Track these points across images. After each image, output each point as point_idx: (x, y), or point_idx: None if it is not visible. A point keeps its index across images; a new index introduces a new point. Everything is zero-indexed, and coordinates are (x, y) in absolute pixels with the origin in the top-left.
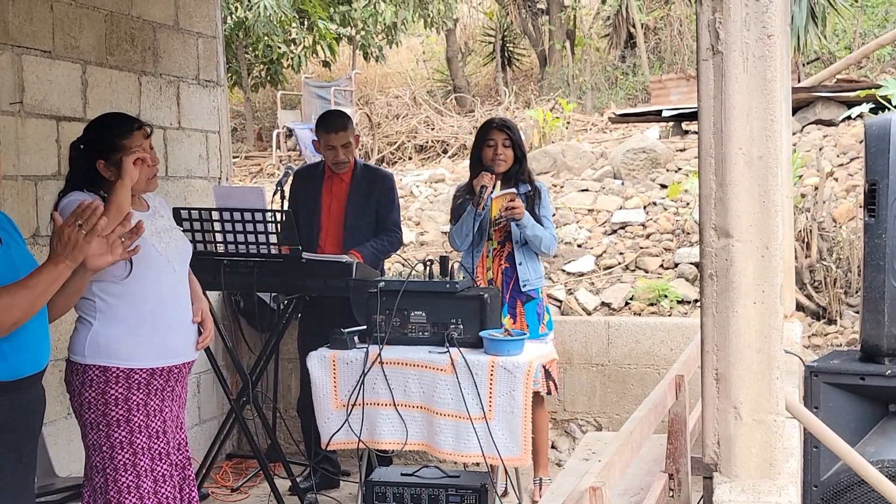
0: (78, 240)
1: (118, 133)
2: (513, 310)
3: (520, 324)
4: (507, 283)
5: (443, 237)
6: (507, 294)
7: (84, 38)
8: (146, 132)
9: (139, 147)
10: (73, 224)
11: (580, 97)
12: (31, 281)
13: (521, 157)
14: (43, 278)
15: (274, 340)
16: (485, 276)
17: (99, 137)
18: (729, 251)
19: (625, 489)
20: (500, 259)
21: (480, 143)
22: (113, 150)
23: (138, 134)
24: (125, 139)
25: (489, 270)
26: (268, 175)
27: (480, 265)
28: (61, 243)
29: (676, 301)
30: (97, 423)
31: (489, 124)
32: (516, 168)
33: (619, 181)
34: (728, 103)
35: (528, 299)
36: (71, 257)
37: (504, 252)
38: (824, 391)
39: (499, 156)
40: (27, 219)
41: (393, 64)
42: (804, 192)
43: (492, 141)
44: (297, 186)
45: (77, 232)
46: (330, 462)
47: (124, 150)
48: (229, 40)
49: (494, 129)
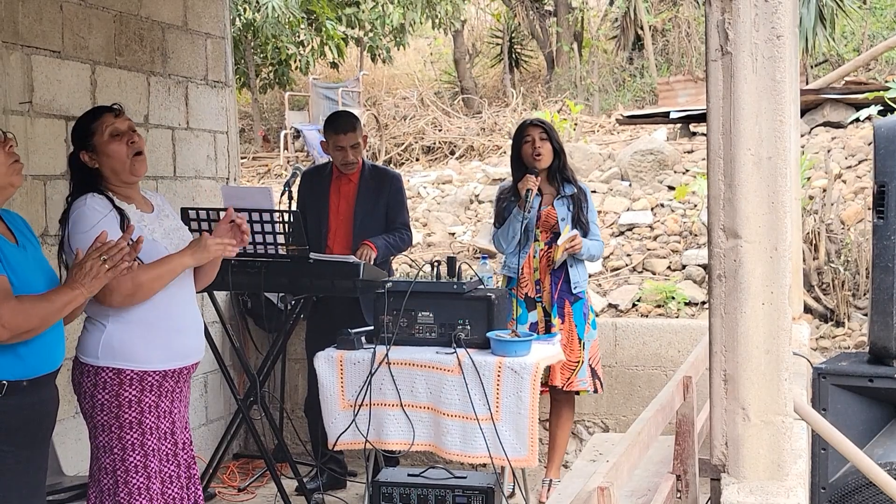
0: (100, 272)
1: (88, 119)
2: (561, 310)
3: (568, 324)
4: (555, 284)
5: (450, 238)
6: (556, 294)
7: (93, 38)
8: (116, 112)
9: (110, 125)
10: (97, 258)
11: (588, 99)
12: (51, 297)
13: (559, 150)
14: (60, 298)
15: (281, 341)
16: (532, 276)
17: (76, 131)
18: (737, 252)
19: (632, 490)
20: (548, 260)
21: (518, 143)
22: (88, 136)
23: (107, 115)
24: (94, 122)
25: (536, 271)
26: (275, 176)
27: (527, 266)
28: (82, 272)
29: (684, 303)
30: (109, 424)
31: (524, 123)
32: (556, 163)
33: (627, 183)
34: (737, 104)
35: (576, 300)
36: (88, 287)
37: (552, 253)
38: (832, 393)
39: (537, 148)
40: (36, 218)
41: (400, 65)
42: (812, 194)
43: (528, 136)
44: (304, 187)
45: (100, 266)
46: (337, 462)
47: (96, 132)
48: (237, 41)
49: (530, 126)
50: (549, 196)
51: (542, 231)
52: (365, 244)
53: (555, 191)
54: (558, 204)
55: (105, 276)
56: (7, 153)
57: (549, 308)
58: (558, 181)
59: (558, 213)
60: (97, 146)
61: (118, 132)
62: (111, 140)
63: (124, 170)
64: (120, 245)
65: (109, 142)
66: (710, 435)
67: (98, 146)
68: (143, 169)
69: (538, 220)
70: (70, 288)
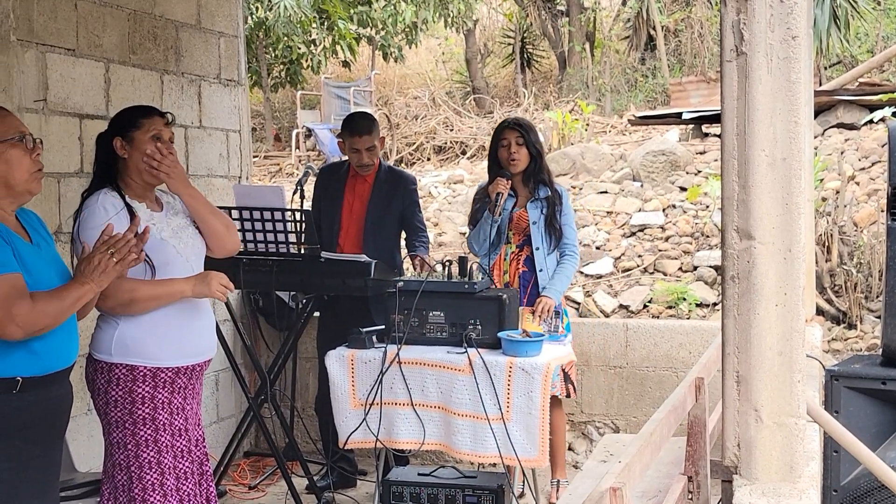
0: (108, 267)
1: (139, 111)
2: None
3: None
4: (524, 287)
5: (461, 238)
6: (526, 297)
7: (107, 36)
8: (167, 119)
9: (157, 129)
10: (105, 252)
11: (599, 99)
12: (63, 293)
13: (535, 155)
14: (70, 294)
15: (292, 339)
16: (501, 279)
17: (120, 116)
18: (751, 253)
19: (643, 491)
20: (518, 262)
21: (495, 144)
22: (130, 127)
23: (158, 119)
24: (144, 118)
25: (506, 273)
26: (287, 175)
27: (497, 268)
28: (90, 267)
29: (695, 304)
30: (123, 421)
31: (502, 124)
32: (532, 167)
33: (639, 183)
34: (752, 105)
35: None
36: (97, 282)
37: (522, 255)
38: (845, 395)
39: (512, 153)
40: (50, 216)
41: (412, 65)
42: (825, 195)
43: (505, 140)
44: (320, 184)
45: (108, 259)
46: (347, 461)
47: (141, 127)
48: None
49: (507, 129)
50: (523, 198)
51: (515, 233)
52: (417, 257)
53: (529, 193)
54: (531, 207)
55: (113, 269)
56: (33, 161)
57: None
58: (533, 183)
59: (530, 217)
60: (135, 140)
61: (160, 137)
62: (151, 142)
63: (149, 180)
64: (126, 238)
65: (149, 142)
66: (722, 436)
67: (136, 141)
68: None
69: (510, 221)
70: (79, 283)
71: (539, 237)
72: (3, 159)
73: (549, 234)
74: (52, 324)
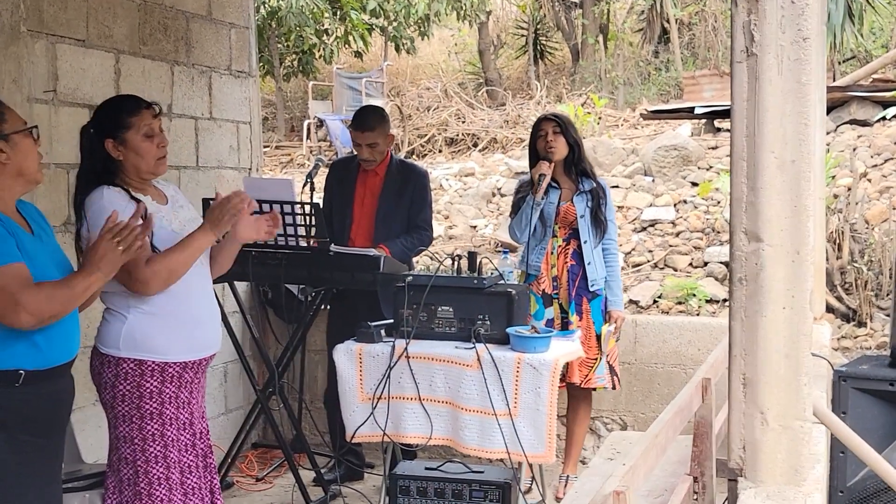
0: (113, 255)
1: (126, 110)
2: (579, 307)
3: (586, 321)
4: (572, 280)
5: (472, 231)
6: (574, 291)
7: (118, 27)
8: (154, 111)
9: (147, 125)
10: (110, 240)
11: (612, 92)
12: (71, 282)
13: (573, 144)
14: (79, 283)
15: (301, 332)
16: (549, 273)
17: (107, 116)
18: (759, 255)
19: (649, 490)
20: (566, 256)
21: (534, 138)
22: (121, 128)
23: (146, 112)
24: (133, 116)
25: (553, 267)
26: (298, 165)
27: (545, 262)
28: (96, 256)
29: (705, 300)
30: (130, 415)
31: (540, 118)
32: (572, 157)
33: (650, 178)
34: (761, 106)
35: (594, 296)
36: (104, 270)
37: (570, 249)
38: (853, 396)
39: (550, 143)
40: (59, 206)
41: (424, 56)
42: (837, 192)
43: (542, 131)
44: (332, 178)
45: (114, 248)
46: (355, 454)
47: (132, 127)
48: (261, 30)
49: (544, 121)
50: (568, 191)
51: (561, 227)
52: (380, 247)
53: (573, 186)
54: (577, 200)
55: (119, 257)
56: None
57: (565, 305)
58: (575, 175)
59: (577, 210)
60: (128, 141)
61: (152, 133)
62: (144, 140)
63: (147, 169)
64: (131, 225)
65: (142, 141)
66: (727, 438)
67: (130, 142)
68: (164, 169)
69: (557, 215)
70: (87, 273)
71: (587, 230)
72: (19, 149)
73: (595, 226)
74: (62, 311)
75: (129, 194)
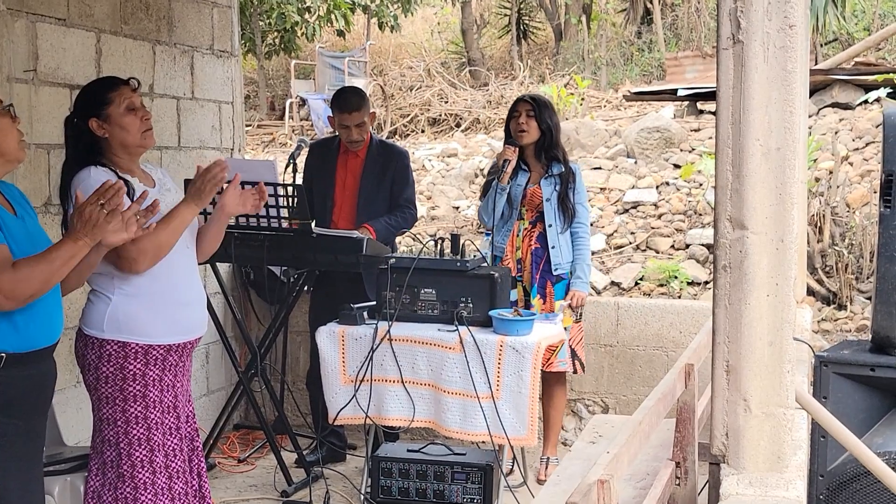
0: (99, 218)
1: (104, 87)
2: (542, 290)
3: (549, 304)
4: (536, 264)
5: (454, 212)
6: (538, 274)
7: (99, 6)
8: (133, 85)
9: (128, 99)
10: (95, 203)
11: (595, 73)
12: (51, 255)
13: (546, 130)
14: (62, 254)
15: (283, 313)
16: (513, 255)
17: (87, 98)
18: (743, 243)
19: (631, 474)
20: (531, 239)
21: (510, 118)
22: (102, 104)
23: (125, 87)
24: (112, 92)
25: (518, 250)
26: (280, 145)
27: (509, 244)
28: (81, 221)
29: (687, 282)
30: (113, 397)
31: (518, 99)
32: (543, 141)
33: (633, 160)
34: (747, 93)
35: (559, 280)
36: (90, 235)
37: (535, 232)
38: (834, 381)
39: (521, 125)
40: (39, 187)
41: (408, 34)
42: (818, 175)
43: (517, 112)
44: (312, 160)
45: (99, 211)
46: (337, 436)
47: (112, 102)
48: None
49: (520, 102)
50: (537, 175)
51: (528, 210)
52: (364, 227)
53: (542, 169)
54: (544, 183)
55: (105, 221)
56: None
57: (528, 287)
58: (545, 159)
59: (543, 193)
60: (112, 117)
61: (134, 106)
62: (127, 113)
63: (135, 142)
64: (116, 187)
65: (125, 114)
66: (710, 425)
67: (113, 117)
68: (152, 142)
69: (523, 198)
70: (72, 240)
71: (552, 214)
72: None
73: (561, 211)
74: (41, 289)
75: (117, 174)
